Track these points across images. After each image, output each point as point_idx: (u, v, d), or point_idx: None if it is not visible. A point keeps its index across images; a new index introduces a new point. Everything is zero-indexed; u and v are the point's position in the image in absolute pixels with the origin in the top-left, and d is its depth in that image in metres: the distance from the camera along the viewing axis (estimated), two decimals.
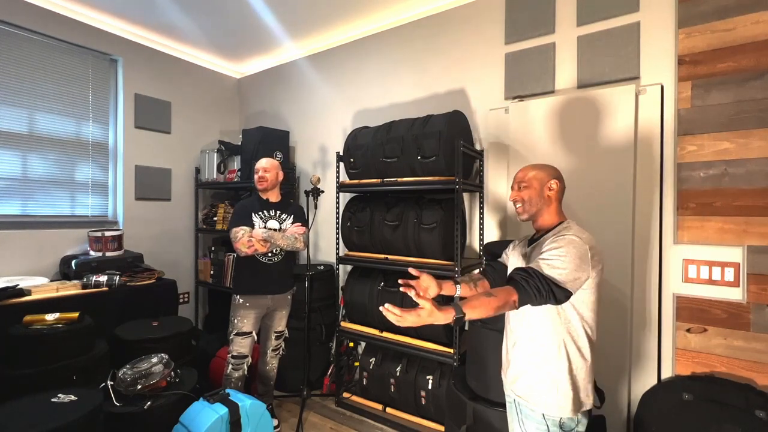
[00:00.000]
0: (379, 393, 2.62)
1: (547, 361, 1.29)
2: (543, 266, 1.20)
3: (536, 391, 1.30)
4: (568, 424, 1.27)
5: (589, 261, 1.23)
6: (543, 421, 1.28)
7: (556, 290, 1.17)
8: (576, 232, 1.28)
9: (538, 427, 1.29)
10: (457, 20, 2.77)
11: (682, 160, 2.00)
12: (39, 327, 2.05)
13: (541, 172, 1.40)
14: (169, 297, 2.97)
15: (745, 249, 1.85)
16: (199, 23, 3.17)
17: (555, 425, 1.27)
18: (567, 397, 1.25)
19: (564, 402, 1.25)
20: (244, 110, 4.20)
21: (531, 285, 1.16)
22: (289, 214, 2.44)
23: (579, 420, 1.28)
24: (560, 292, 1.18)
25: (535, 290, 1.15)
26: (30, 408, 1.61)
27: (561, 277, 1.18)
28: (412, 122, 2.46)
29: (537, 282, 1.16)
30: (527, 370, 1.34)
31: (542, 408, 1.28)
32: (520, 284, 1.17)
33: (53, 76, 2.93)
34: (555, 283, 1.17)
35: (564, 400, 1.25)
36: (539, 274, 1.18)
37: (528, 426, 1.32)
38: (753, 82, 1.85)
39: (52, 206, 2.95)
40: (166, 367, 2.07)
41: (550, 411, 1.26)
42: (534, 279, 1.17)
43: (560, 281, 1.18)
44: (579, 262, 1.20)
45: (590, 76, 2.26)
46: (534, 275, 1.18)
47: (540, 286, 1.16)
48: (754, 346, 1.82)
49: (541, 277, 1.18)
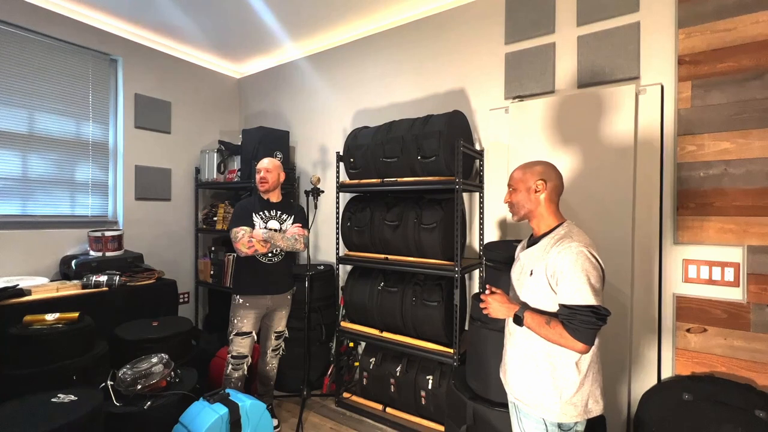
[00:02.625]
0: (379, 393, 2.62)
1: (548, 366, 1.28)
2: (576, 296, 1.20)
3: (534, 393, 1.29)
4: (567, 424, 1.26)
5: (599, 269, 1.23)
6: (541, 421, 1.28)
7: (598, 312, 1.18)
8: (578, 238, 1.26)
9: (537, 427, 1.29)
10: (457, 20, 2.77)
11: (682, 160, 2.00)
12: (39, 327, 2.05)
13: (527, 173, 1.39)
14: (169, 297, 2.97)
15: (745, 249, 1.85)
16: (199, 23, 3.17)
17: (554, 426, 1.26)
18: (571, 404, 1.24)
19: (567, 408, 1.24)
20: (244, 110, 4.20)
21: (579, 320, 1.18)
22: (289, 215, 2.44)
23: (578, 420, 1.27)
24: (602, 310, 1.19)
25: (585, 326, 1.18)
26: (30, 408, 1.61)
27: (596, 297, 1.19)
28: (412, 122, 2.46)
29: (582, 316, 1.18)
30: (525, 372, 1.33)
31: (541, 412, 1.27)
32: (568, 326, 1.20)
33: (53, 76, 2.93)
34: (594, 310, 1.18)
35: (568, 406, 1.24)
36: (576, 307, 1.19)
37: (526, 425, 1.32)
38: (753, 82, 1.85)
39: (52, 206, 2.95)
40: (166, 367, 2.07)
41: (551, 416, 1.26)
42: (578, 313, 1.19)
43: (596, 304, 1.19)
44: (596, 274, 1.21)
45: (590, 76, 2.26)
46: (577, 310, 1.19)
47: (586, 318, 1.18)
48: (754, 346, 1.82)
49: (578, 310, 1.19)
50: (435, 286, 2.40)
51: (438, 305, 2.31)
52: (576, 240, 1.24)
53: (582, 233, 1.30)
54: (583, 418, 1.25)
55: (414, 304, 2.40)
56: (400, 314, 2.45)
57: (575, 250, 1.21)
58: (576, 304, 1.19)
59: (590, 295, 1.18)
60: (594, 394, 1.27)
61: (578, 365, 1.25)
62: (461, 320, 2.35)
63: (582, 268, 1.19)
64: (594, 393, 1.27)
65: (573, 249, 1.22)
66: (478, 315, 1.90)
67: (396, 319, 2.47)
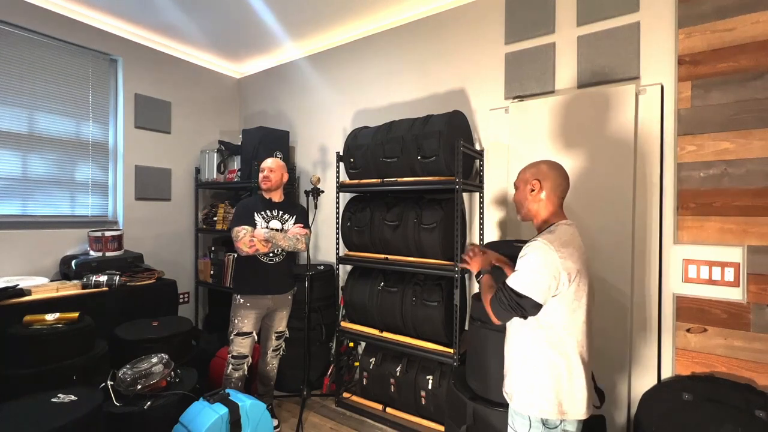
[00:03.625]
0: (379, 393, 2.62)
1: (525, 361, 1.31)
2: (511, 278, 1.25)
3: (517, 388, 1.32)
4: (552, 421, 1.26)
5: (559, 267, 1.19)
6: (527, 417, 1.29)
7: (520, 301, 1.21)
8: (550, 237, 1.24)
9: (523, 423, 1.31)
10: (457, 20, 2.77)
11: (682, 160, 2.00)
12: (39, 327, 2.05)
13: (528, 172, 1.41)
14: (169, 297, 2.97)
15: (745, 249, 1.85)
16: (199, 23, 3.17)
17: (537, 421, 1.27)
18: (545, 399, 1.25)
19: (541, 402, 1.25)
20: (244, 110, 4.20)
21: (498, 297, 1.25)
22: (291, 215, 2.44)
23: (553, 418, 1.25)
24: (526, 302, 1.21)
25: (499, 302, 1.24)
26: (30, 408, 1.60)
27: (528, 287, 1.21)
28: (412, 122, 2.46)
29: (502, 294, 1.23)
30: (511, 368, 1.37)
31: (522, 407, 1.30)
32: (494, 297, 1.27)
33: (53, 76, 2.93)
34: (516, 293, 1.21)
35: (541, 400, 1.25)
36: (504, 285, 1.24)
37: (515, 421, 1.34)
38: (753, 82, 1.85)
39: (52, 206, 2.95)
40: (166, 367, 2.07)
41: (530, 411, 1.27)
42: (501, 290, 1.24)
43: (522, 291, 1.21)
44: (545, 270, 1.20)
45: (590, 76, 2.26)
46: (502, 287, 1.25)
47: (504, 298, 1.23)
48: (754, 346, 1.82)
49: (504, 288, 1.24)
50: (435, 286, 2.40)
51: (438, 305, 2.31)
52: (550, 236, 1.26)
53: (565, 232, 1.28)
54: (557, 417, 1.24)
55: (414, 304, 2.40)
56: (400, 314, 2.45)
57: (537, 243, 1.25)
58: (508, 284, 1.26)
59: (522, 283, 1.22)
60: (571, 394, 1.24)
61: (553, 361, 1.25)
62: (461, 320, 2.35)
63: (531, 259, 1.23)
64: (571, 393, 1.25)
65: (536, 243, 1.25)
66: (478, 315, 1.90)
67: (396, 319, 2.47)
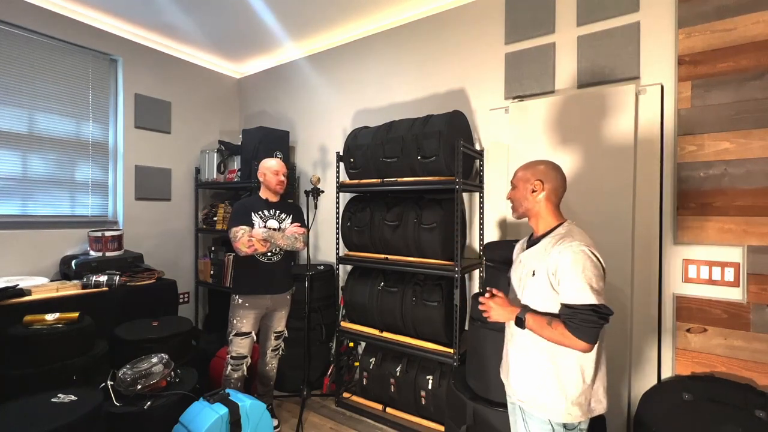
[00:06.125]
0: (379, 393, 2.62)
1: (551, 366, 1.28)
2: (577, 296, 1.19)
3: (539, 394, 1.29)
4: (571, 423, 1.26)
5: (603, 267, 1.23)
6: (547, 422, 1.27)
7: (601, 310, 1.18)
8: (579, 238, 1.26)
9: (542, 427, 1.29)
10: (457, 20, 2.77)
11: (682, 160, 2.00)
12: (39, 327, 2.05)
13: (528, 172, 1.40)
14: (169, 297, 2.97)
15: (745, 249, 1.85)
16: (199, 23, 3.17)
17: (559, 426, 1.27)
18: (576, 404, 1.24)
19: (569, 407, 1.24)
20: (244, 110, 4.20)
21: (578, 320, 1.18)
22: (288, 214, 2.44)
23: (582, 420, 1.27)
24: (605, 309, 1.19)
25: (586, 324, 1.17)
26: (30, 408, 1.60)
27: (597, 296, 1.18)
28: (412, 122, 2.46)
29: (582, 314, 1.18)
30: (529, 374, 1.33)
31: (547, 413, 1.27)
32: (570, 325, 1.19)
33: (53, 76, 2.92)
34: (594, 306, 1.18)
35: (570, 405, 1.25)
36: (576, 306, 1.19)
37: (532, 426, 1.32)
38: (753, 82, 1.85)
39: (52, 206, 2.95)
40: (166, 367, 2.07)
41: (557, 417, 1.26)
42: (578, 312, 1.18)
43: (599, 301, 1.18)
44: (599, 273, 1.21)
45: (590, 76, 2.26)
46: (575, 309, 1.19)
47: (587, 317, 1.17)
48: (754, 346, 1.82)
49: (578, 309, 1.19)
50: (435, 286, 2.40)
51: (438, 305, 2.31)
52: (577, 239, 1.24)
53: (582, 233, 1.30)
54: (586, 417, 1.26)
55: (414, 304, 2.40)
56: (400, 314, 2.45)
57: (576, 249, 1.21)
58: (577, 303, 1.19)
59: (591, 294, 1.18)
60: (597, 394, 1.27)
61: (582, 366, 1.25)
62: (461, 320, 2.34)
63: (583, 267, 1.19)
64: (597, 393, 1.28)
65: (573, 248, 1.22)
66: (478, 315, 1.90)
67: (396, 319, 2.47)
